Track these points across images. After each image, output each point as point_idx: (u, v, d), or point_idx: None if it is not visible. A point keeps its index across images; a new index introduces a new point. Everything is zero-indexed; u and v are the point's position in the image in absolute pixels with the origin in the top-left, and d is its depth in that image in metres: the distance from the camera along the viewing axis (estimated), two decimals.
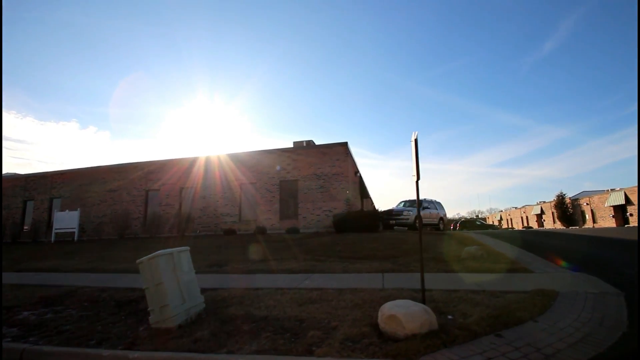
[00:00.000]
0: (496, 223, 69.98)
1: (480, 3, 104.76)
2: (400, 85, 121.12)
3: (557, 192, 44.31)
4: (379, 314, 3.32)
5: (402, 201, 19.25)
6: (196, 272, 4.35)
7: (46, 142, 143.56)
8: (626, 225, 32.42)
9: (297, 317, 3.76)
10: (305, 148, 16.56)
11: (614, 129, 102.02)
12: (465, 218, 42.02)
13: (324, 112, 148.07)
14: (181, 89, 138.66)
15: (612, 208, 36.77)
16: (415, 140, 4.12)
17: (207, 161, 17.73)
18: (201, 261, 8.64)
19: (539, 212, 50.36)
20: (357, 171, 18.74)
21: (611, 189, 38.10)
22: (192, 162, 18.01)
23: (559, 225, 43.55)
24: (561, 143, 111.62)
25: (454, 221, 39.43)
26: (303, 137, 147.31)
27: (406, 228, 15.49)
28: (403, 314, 3.09)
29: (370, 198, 24.79)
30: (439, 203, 18.45)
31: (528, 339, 2.96)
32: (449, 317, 3.62)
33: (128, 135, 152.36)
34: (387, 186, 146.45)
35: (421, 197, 17.20)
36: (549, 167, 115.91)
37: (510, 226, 61.45)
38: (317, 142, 17.85)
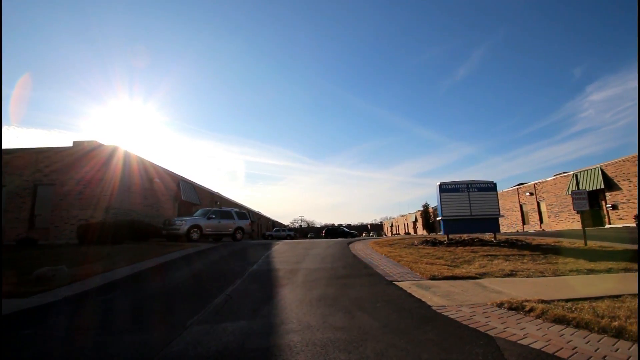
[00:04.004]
0: (388, 230, 75.57)
1: (407, 30, 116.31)
2: (335, 94, 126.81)
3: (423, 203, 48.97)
4: None
5: (202, 209, 18.60)
6: None
7: None
8: None
9: None
10: (68, 149, 14.80)
11: (509, 148, 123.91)
12: (332, 226, 44.16)
13: (261, 113, 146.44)
14: (98, 80, 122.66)
15: None
16: None
17: None
18: None
19: (414, 219, 55.39)
20: (154, 177, 17.56)
21: None
22: None
23: (425, 232, 48.30)
24: (469, 158, 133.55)
25: (325, 227, 41.12)
26: (234, 136, 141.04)
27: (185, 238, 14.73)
28: None
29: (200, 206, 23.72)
30: (242, 213, 18.21)
31: None
32: None
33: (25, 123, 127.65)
34: (312, 191, 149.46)
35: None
36: (460, 179, 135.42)
37: (397, 232, 66.66)
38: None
